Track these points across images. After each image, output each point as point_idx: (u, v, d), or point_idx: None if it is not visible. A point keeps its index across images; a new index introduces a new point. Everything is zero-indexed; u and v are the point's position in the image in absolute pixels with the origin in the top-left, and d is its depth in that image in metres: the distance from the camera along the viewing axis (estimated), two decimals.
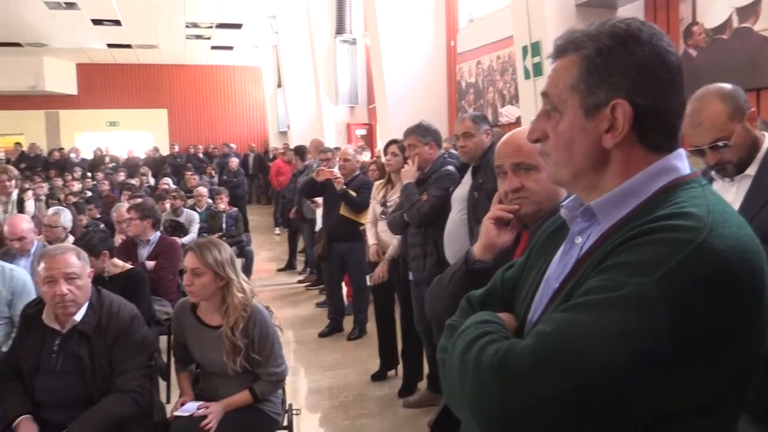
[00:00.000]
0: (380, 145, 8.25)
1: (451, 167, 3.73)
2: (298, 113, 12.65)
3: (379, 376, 4.59)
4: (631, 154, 0.98)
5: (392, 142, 4.42)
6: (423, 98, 7.36)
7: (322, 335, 5.73)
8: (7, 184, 5.80)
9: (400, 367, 4.50)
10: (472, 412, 0.89)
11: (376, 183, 4.73)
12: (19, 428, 2.42)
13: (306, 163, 7.75)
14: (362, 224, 5.05)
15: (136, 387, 2.53)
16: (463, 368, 0.93)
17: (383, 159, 4.72)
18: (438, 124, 4.15)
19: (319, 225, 6.48)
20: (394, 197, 4.26)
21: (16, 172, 6.20)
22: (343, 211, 5.41)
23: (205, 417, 2.55)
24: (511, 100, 6.53)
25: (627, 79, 0.96)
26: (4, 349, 3.16)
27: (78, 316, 2.55)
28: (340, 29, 10.06)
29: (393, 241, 4.34)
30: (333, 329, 5.76)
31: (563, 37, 1.04)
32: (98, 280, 2.91)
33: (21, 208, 5.84)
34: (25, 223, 4.24)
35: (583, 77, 0.99)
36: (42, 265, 2.54)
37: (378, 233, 4.56)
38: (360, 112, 10.48)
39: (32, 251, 4.16)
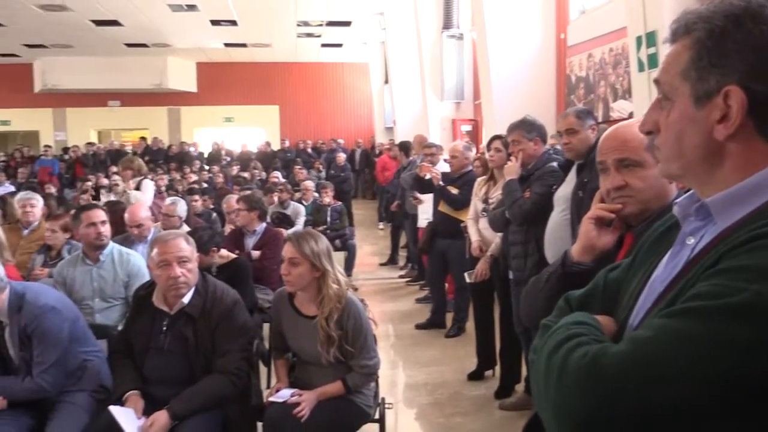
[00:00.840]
0: (485, 142, 8.11)
1: (555, 164, 3.60)
2: (404, 109, 12.69)
3: (475, 376, 4.52)
4: (750, 148, 0.88)
5: (495, 137, 4.33)
6: (530, 93, 7.15)
7: (419, 327, 5.75)
8: (124, 173, 6.27)
9: (497, 367, 4.41)
10: (555, 418, 0.83)
11: (479, 179, 4.65)
12: (128, 402, 2.59)
13: (410, 158, 7.76)
14: (463, 221, 5.00)
15: (234, 369, 2.65)
16: (548, 371, 0.87)
17: (486, 155, 4.64)
18: (545, 119, 4.00)
19: (420, 221, 6.48)
20: (496, 194, 4.17)
21: (138, 162, 6.65)
22: (442, 207, 5.39)
23: (298, 404, 2.61)
24: (623, 94, 6.21)
25: (742, 62, 0.85)
26: (120, 327, 3.39)
27: (186, 299, 2.70)
28: (447, 24, 9.98)
29: (495, 239, 4.25)
30: (432, 323, 5.74)
31: (677, 19, 0.95)
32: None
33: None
34: (143, 212, 4.52)
35: (694, 62, 0.89)
36: (155, 250, 2.70)
37: (480, 230, 4.48)
38: (466, 107, 10.36)
39: (149, 237, 4.43)
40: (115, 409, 2.52)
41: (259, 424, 2.77)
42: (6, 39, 14.39)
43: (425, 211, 6.12)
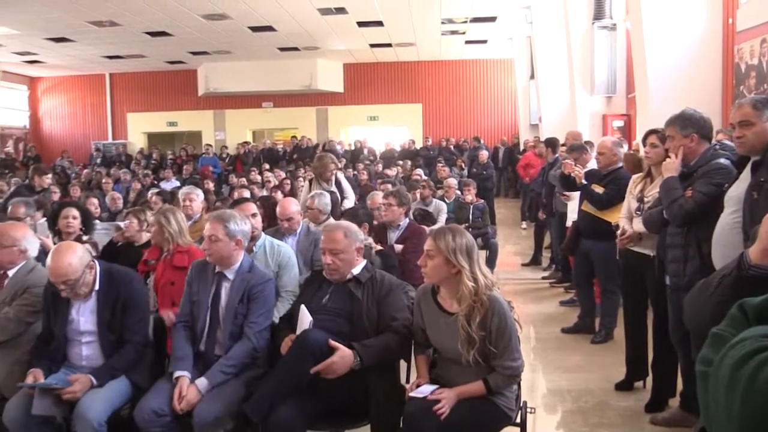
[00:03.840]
0: (639, 138, 7.64)
1: (723, 160, 3.28)
2: (550, 105, 12.28)
3: (624, 386, 4.26)
4: None
5: (651, 132, 4.05)
6: (691, 85, 6.60)
7: (565, 331, 5.56)
8: (334, 171, 6.45)
9: (649, 378, 4.12)
10: None
11: (634, 176, 4.36)
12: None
13: (556, 155, 7.49)
14: (609, 222, 4.75)
15: (403, 330, 2.88)
16: (732, 385, 0.77)
17: (641, 151, 4.36)
18: (710, 112, 3.65)
19: (569, 220, 6.24)
20: (652, 192, 3.90)
21: (325, 161, 6.79)
22: (585, 206, 5.18)
23: (438, 401, 2.58)
24: None
25: None
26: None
27: (356, 271, 3.05)
28: (598, 14, 9.51)
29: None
30: (579, 328, 5.51)
31: None
32: None
33: (340, 189, 6.42)
34: (293, 206, 4.72)
35: None
36: (322, 237, 3.16)
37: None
38: (618, 102, 9.82)
39: (298, 230, 4.62)
40: (303, 308, 2.92)
41: None
42: (174, 47, 15.73)
43: (574, 209, 5.88)
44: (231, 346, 3.07)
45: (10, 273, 3.39)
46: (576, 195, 5.72)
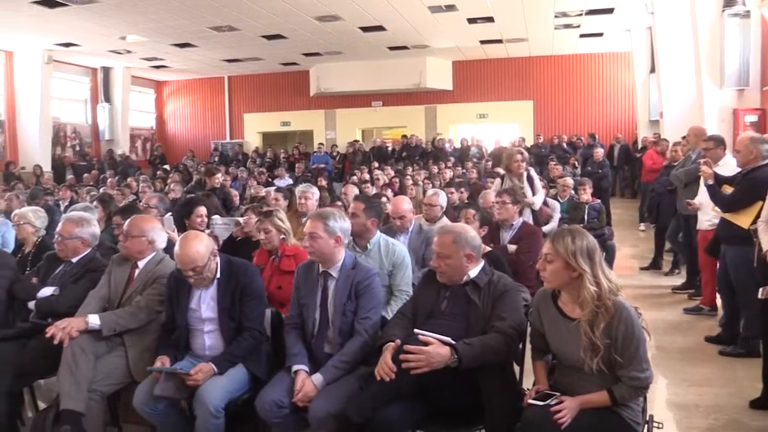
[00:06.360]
0: None
1: None
2: (673, 100, 11.56)
3: (760, 404, 3.92)
4: None
5: None
6: None
7: (709, 339, 5.22)
8: (521, 164, 6.20)
9: None
10: None
11: None
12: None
13: (686, 154, 7.02)
14: (741, 227, 4.40)
15: (509, 330, 2.76)
16: None
17: None
18: None
19: (701, 222, 5.80)
20: None
21: (513, 150, 6.61)
22: (713, 208, 4.81)
23: (559, 410, 2.45)
24: None
25: None
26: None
27: (473, 273, 2.98)
28: (729, 1, 8.84)
29: None
30: (725, 337, 5.14)
31: None
32: None
33: (532, 185, 6.26)
34: (405, 204, 4.71)
35: None
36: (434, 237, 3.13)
37: None
38: (751, 95, 9.07)
39: (410, 229, 4.60)
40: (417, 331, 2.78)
41: None
42: (288, 49, 16.24)
43: (706, 211, 5.47)
44: (341, 343, 3.09)
45: (141, 264, 3.59)
46: (705, 201, 5.33)
